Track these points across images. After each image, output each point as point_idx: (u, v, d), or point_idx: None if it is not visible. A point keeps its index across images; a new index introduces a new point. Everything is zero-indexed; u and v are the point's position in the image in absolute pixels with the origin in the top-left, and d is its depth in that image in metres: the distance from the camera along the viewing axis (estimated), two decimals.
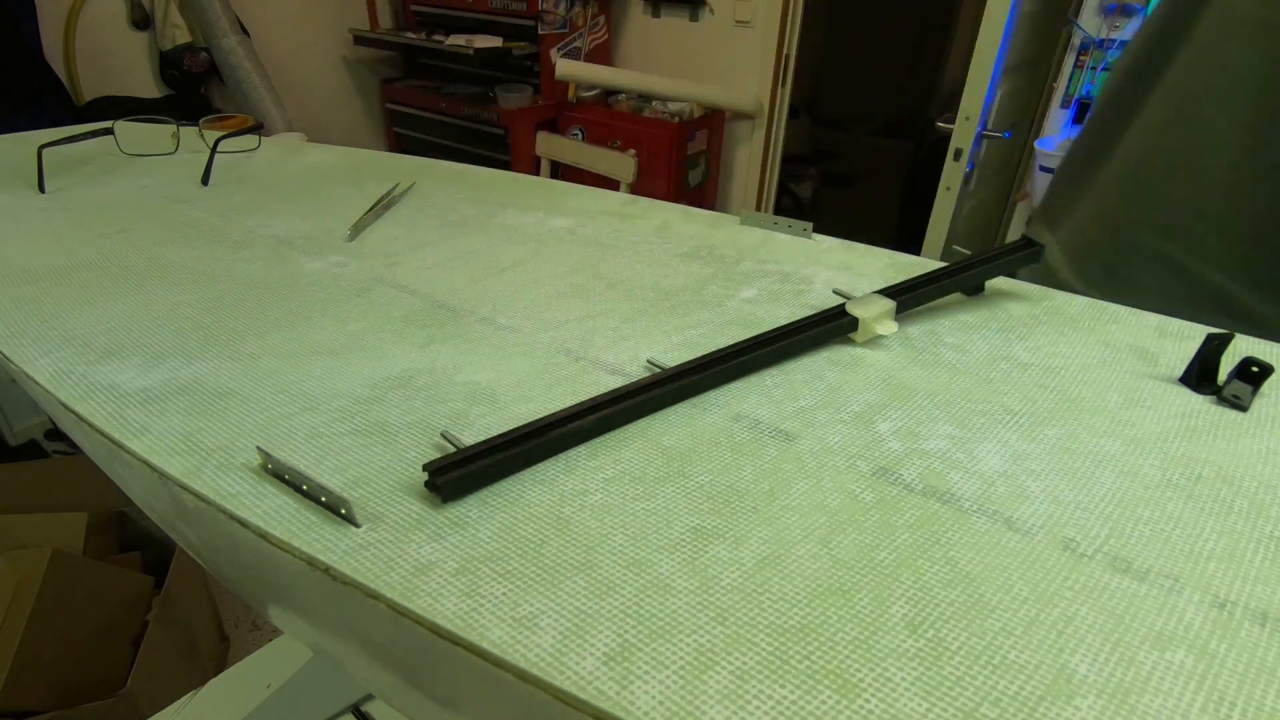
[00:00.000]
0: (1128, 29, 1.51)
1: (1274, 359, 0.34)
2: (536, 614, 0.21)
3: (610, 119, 2.21)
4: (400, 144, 2.70)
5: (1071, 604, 0.22)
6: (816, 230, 0.51)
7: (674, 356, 0.35)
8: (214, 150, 0.62)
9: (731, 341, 0.34)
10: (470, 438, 0.28)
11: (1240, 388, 0.32)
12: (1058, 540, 0.25)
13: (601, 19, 2.30)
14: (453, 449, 0.27)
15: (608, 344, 0.37)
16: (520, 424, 0.28)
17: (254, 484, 0.27)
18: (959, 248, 0.41)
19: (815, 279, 0.44)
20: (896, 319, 0.37)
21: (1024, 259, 0.42)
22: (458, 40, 2.29)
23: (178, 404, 0.31)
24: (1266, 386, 0.33)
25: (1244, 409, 0.32)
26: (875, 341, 0.37)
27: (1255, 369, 0.33)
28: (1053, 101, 1.65)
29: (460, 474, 0.26)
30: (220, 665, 1.27)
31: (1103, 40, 1.53)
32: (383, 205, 0.54)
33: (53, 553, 1.05)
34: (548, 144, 1.84)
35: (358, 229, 0.50)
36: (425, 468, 0.26)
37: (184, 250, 0.47)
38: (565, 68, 2.15)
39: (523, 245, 0.49)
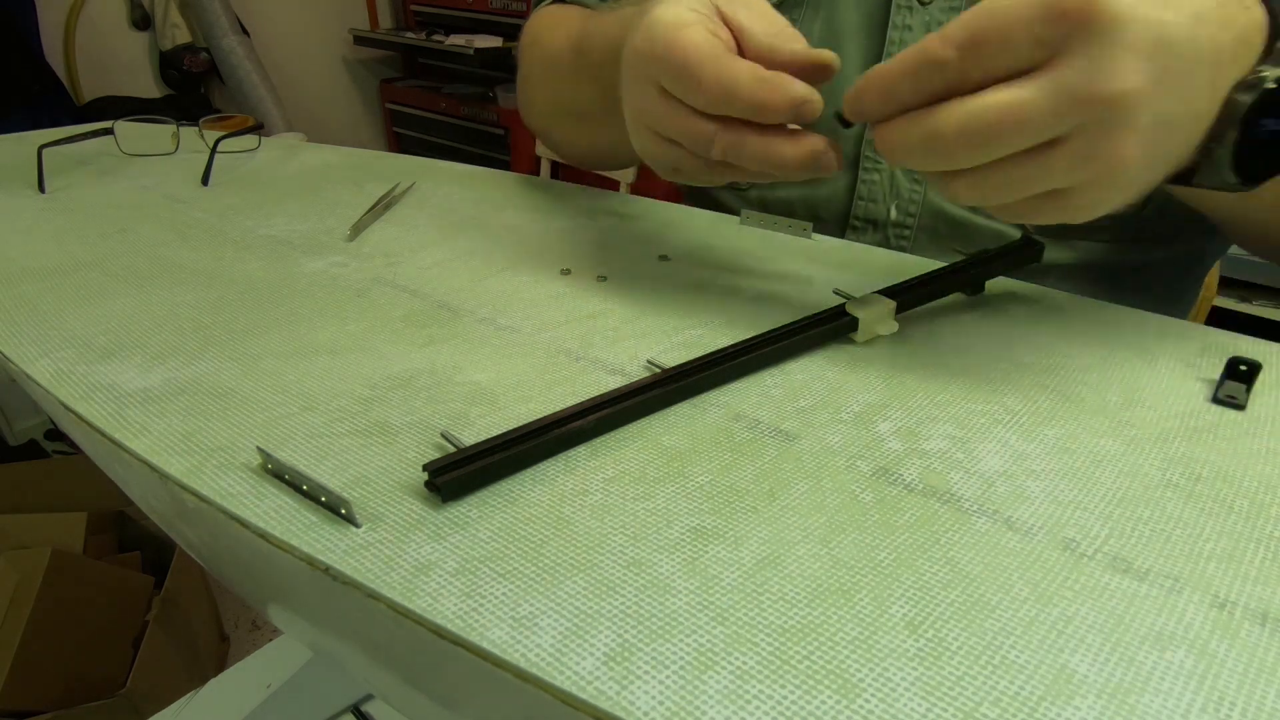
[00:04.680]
0: None
1: (1259, 354, 0.34)
2: (536, 614, 0.21)
3: None
4: (400, 144, 2.70)
5: (1071, 604, 0.22)
6: (816, 230, 0.51)
7: (674, 356, 0.35)
8: (214, 150, 0.62)
9: (731, 341, 0.34)
10: (470, 438, 0.28)
11: (1234, 388, 0.32)
12: (1058, 540, 0.25)
13: None
14: (453, 449, 0.27)
15: (608, 344, 0.37)
16: (520, 424, 0.28)
17: (254, 484, 0.27)
18: (958, 248, 0.41)
19: (815, 279, 0.44)
20: (897, 319, 0.37)
21: (1024, 258, 0.42)
22: (458, 40, 2.29)
23: (178, 404, 0.31)
24: (1263, 385, 0.33)
25: (1241, 408, 0.32)
26: (875, 341, 0.37)
27: (1243, 367, 0.33)
28: None
29: (460, 474, 0.26)
30: (220, 665, 1.27)
31: None
32: (383, 205, 0.54)
33: (53, 553, 1.05)
34: None
35: (358, 229, 0.50)
36: (425, 468, 0.26)
37: (184, 250, 0.47)
38: None
39: (522, 245, 0.49)
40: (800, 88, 0.33)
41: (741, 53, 0.36)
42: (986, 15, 0.27)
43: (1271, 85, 0.28)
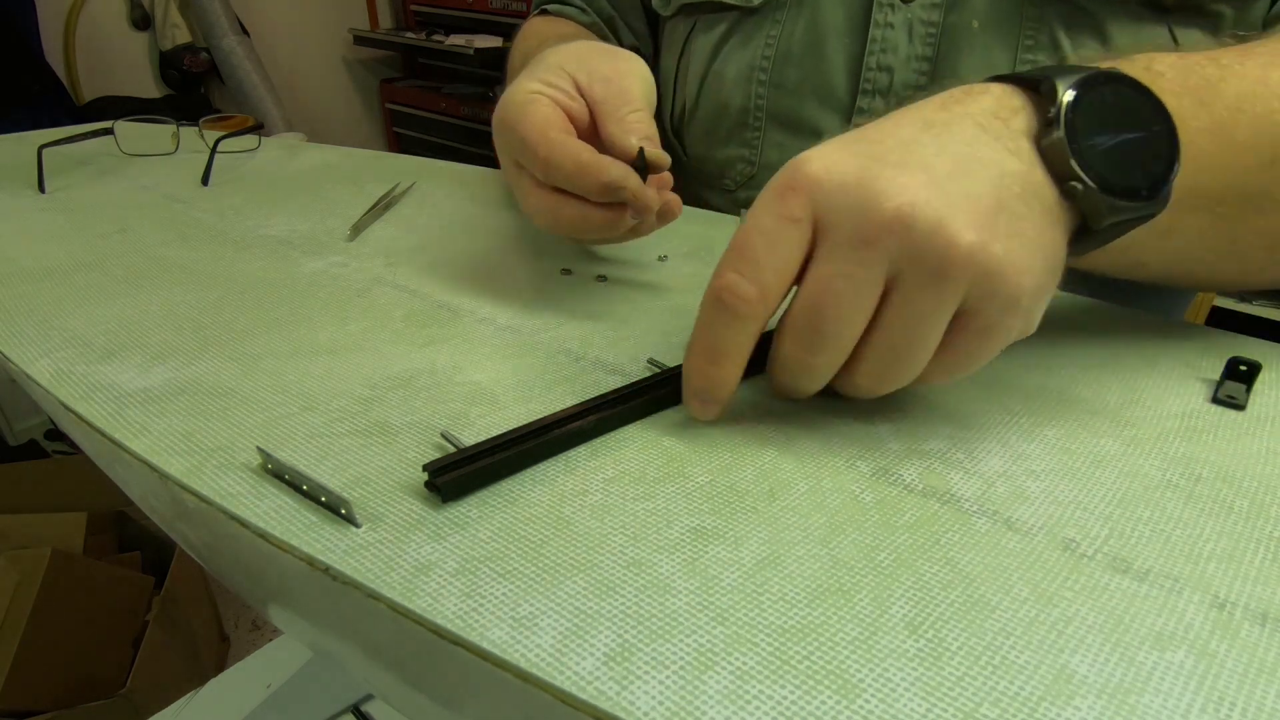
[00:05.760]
0: None
1: (1259, 354, 0.34)
2: (536, 614, 0.21)
3: None
4: (400, 144, 2.70)
5: (1071, 604, 0.22)
6: None
7: (674, 356, 0.35)
8: (214, 150, 0.62)
9: None
10: (470, 438, 0.28)
11: (1234, 388, 0.32)
12: (1058, 540, 0.25)
13: None
14: (453, 449, 0.27)
15: (608, 344, 0.37)
16: (520, 424, 0.28)
17: (254, 484, 0.27)
18: None
19: None
20: None
21: None
22: (458, 40, 2.29)
23: (178, 404, 0.31)
24: (1263, 385, 0.33)
25: (1241, 408, 0.32)
26: None
27: (1243, 367, 0.33)
28: None
29: (460, 474, 0.26)
30: (220, 665, 1.27)
31: None
32: (383, 205, 0.54)
33: (53, 553, 1.05)
34: None
35: (358, 229, 0.50)
36: (425, 468, 0.26)
37: (184, 250, 0.47)
38: None
39: (523, 245, 0.49)
40: (615, 172, 0.36)
41: (594, 125, 0.40)
42: (739, 231, 0.27)
43: (1065, 109, 0.26)
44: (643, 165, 0.38)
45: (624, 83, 0.41)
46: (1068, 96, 0.26)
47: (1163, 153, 0.27)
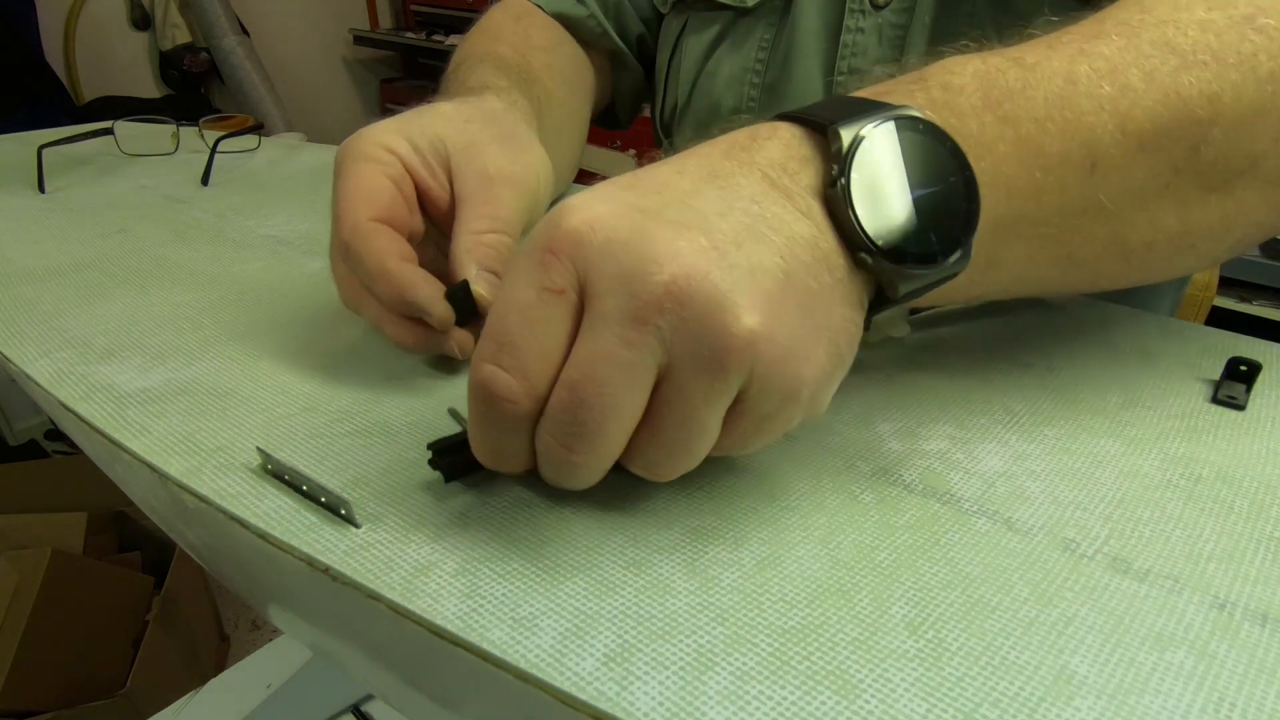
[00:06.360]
0: None
1: (1259, 354, 0.34)
2: (536, 614, 0.21)
3: None
4: None
5: (1071, 605, 0.22)
6: None
7: None
8: (214, 150, 0.62)
9: None
10: None
11: (1234, 388, 0.32)
12: (1058, 541, 0.25)
13: None
14: (460, 429, 0.27)
15: None
16: None
17: (254, 484, 0.27)
18: None
19: None
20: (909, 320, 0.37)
21: None
22: (457, 40, 2.29)
23: (177, 404, 0.31)
24: (1263, 385, 0.33)
25: (1241, 408, 0.32)
26: (879, 342, 0.37)
27: (1244, 367, 0.33)
28: None
29: (464, 456, 0.26)
30: (220, 665, 1.27)
31: None
32: None
33: (53, 553, 1.05)
34: None
35: None
36: (429, 446, 0.26)
37: (184, 250, 0.47)
38: None
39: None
40: (421, 294, 0.31)
41: (452, 208, 0.34)
42: (495, 306, 0.23)
43: (850, 168, 0.23)
44: (470, 304, 0.32)
45: (500, 192, 0.34)
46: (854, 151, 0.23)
47: (961, 209, 0.24)
